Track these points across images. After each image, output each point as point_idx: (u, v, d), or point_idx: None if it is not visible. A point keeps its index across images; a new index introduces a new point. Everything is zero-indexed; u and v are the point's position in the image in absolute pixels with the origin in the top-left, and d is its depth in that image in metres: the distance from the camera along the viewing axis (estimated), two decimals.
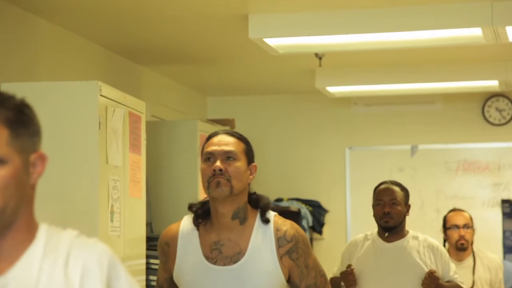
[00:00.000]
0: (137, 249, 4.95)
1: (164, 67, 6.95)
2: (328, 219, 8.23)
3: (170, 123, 6.53)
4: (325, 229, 8.23)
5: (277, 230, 3.17)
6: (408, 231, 4.67)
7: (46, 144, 1.93)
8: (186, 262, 3.17)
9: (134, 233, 4.88)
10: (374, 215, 4.63)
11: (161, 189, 6.18)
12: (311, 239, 8.05)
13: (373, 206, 4.64)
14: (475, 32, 5.18)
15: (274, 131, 8.34)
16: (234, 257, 3.13)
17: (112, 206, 4.63)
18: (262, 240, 3.15)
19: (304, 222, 7.88)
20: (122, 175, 4.78)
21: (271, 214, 3.21)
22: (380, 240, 4.65)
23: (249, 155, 3.20)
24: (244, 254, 3.13)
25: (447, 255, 4.68)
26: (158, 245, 3.29)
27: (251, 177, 3.18)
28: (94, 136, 4.51)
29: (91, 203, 4.44)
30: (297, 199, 8.13)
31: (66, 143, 4.50)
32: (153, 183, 6.08)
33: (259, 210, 3.19)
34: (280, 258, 3.15)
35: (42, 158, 1.84)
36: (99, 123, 4.52)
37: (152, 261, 5.32)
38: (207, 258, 3.15)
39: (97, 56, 6.06)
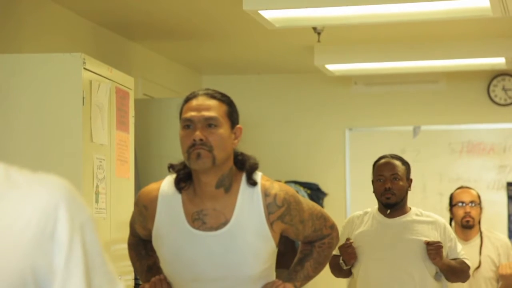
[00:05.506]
0: (125, 232, 4.71)
1: (156, 43, 6.77)
2: (327, 202, 8.06)
3: (160, 100, 6.43)
4: None
5: (265, 195, 2.92)
6: (410, 208, 4.46)
7: (26, 119, 1.72)
8: (166, 226, 2.96)
9: (122, 215, 4.71)
10: (374, 191, 4.42)
11: (151, 170, 6.03)
12: None
13: (373, 182, 4.43)
14: (482, 4, 4.97)
15: (271, 111, 8.19)
16: (219, 227, 2.91)
17: (97, 186, 4.50)
18: (249, 204, 2.91)
19: None
20: (108, 153, 4.63)
21: (258, 175, 2.97)
22: (381, 216, 4.45)
23: (233, 117, 2.94)
24: (229, 221, 2.90)
25: (453, 232, 4.48)
26: (135, 205, 3.12)
27: (235, 141, 2.94)
28: (77, 112, 4.39)
29: (74, 183, 4.18)
30: (295, 182, 7.97)
31: (48, 119, 4.39)
32: (143, 163, 5.92)
33: (245, 172, 2.95)
34: (271, 224, 2.92)
35: None
36: (83, 98, 4.40)
37: None
38: (190, 225, 2.95)
39: (85, 31, 5.88)
